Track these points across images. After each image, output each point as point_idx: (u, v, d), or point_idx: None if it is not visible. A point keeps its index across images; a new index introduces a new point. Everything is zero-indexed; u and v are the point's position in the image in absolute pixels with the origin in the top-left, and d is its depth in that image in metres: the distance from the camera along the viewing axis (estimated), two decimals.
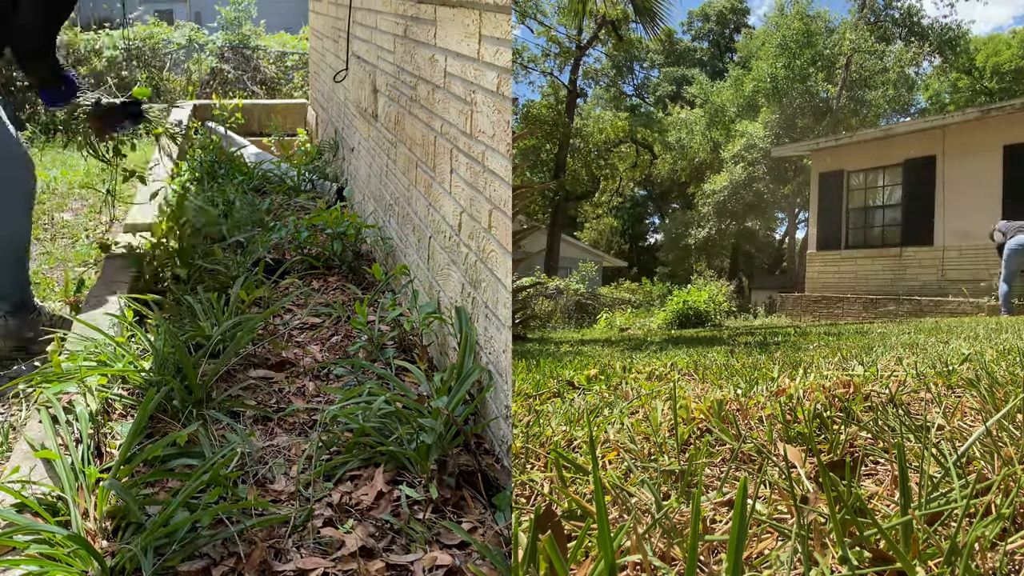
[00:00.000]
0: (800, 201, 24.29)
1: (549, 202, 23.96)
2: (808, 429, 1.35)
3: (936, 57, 25.89)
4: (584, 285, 14.45)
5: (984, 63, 27.37)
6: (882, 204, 12.15)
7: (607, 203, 31.32)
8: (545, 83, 25.52)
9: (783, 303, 13.07)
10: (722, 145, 25.84)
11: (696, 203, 27.26)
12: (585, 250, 25.81)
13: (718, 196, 24.87)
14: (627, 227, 34.27)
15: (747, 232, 28.49)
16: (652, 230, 35.49)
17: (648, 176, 30.13)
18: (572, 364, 3.12)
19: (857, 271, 12.24)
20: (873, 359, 2.40)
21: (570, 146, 24.12)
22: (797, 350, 3.20)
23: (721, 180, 24.71)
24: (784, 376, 2.02)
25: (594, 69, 31.47)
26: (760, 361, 2.70)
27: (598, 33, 22.94)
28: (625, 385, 2.23)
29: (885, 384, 1.68)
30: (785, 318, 12.17)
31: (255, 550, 1.62)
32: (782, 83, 23.82)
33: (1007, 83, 26.39)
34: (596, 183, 27.33)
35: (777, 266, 31.42)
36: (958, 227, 10.57)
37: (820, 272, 12.91)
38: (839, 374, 1.88)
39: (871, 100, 24.62)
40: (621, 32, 14.98)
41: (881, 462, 1.23)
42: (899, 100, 25.85)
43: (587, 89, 31.44)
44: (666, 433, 1.48)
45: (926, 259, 11.09)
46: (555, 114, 22.60)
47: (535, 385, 2.36)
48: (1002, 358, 2.16)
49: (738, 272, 29.00)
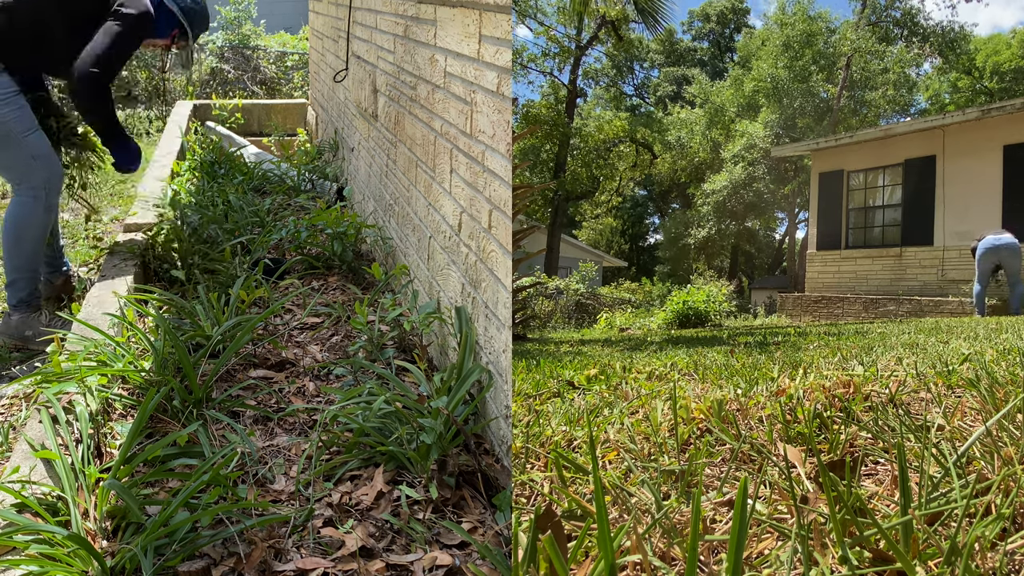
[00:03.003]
0: (800, 201, 24.30)
1: (549, 202, 23.97)
2: (808, 429, 1.35)
3: (936, 57, 25.90)
4: (584, 285, 14.44)
5: (984, 63, 27.37)
6: (882, 204, 12.15)
7: (607, 203, 31.33)
8: (545, 83, 25.55)
9: (783, 303, 13.07)
10: (722, 145, 25.85)
11: (696, 203, 27.28)
12: (585, 250, 25.82)
13: (718, 196, 24.88)
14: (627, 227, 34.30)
15: (747, 232, 28.50)
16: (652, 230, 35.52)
17: (648, 176, 30.14)
18: (572, 364, 3.12)
19: (857, 271, 12.24)
20: (873, 359, 2.40)
21: (570, 146, 24.12)
22: (797, 350, 3.20)
23: (721, 180, 24.72)
24: (784, 376, 2.02)
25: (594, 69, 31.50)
26: (760, 361, 2.70)
27: (598, 33, 22.95)
28: (625, 385, 2.23)
29: (885, 384, 1.68)
30: (785, 318, 12.17)
31: (255, 550, 1.62)
32: (782, 83, 23.83)
33: (1007, 83, 26.40)
34: (596, 183, 27.33)
35: (777, 266, 31.44)
36: (958, 227, 10.57)
37: (820, 272, 12.91)
38: (839, 374, 1.88)
39: (871, 100, 24.64)
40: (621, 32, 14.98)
41: (881, 462, 1.23)
42: (899, 100, 25.87)
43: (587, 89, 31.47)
44: (666, 433, 1.48)
45: (926, 259, 11.09)
46: (555, 114, 22.60)
47: (535, 385, 2.36)
48: (1002, 358, 2.16)
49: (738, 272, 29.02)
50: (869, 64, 24.54)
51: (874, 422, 1.39)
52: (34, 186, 2.89)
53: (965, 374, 1.76)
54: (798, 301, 12.55)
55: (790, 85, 23.75)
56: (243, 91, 9.93)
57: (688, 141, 26.83)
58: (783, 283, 25.51)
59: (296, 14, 11.63)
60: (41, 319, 2.91)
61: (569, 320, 12.83)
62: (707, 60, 33.30)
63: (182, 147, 5.77)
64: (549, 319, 12.53)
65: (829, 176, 12.86)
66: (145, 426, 2.06)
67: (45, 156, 2.92)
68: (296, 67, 10.65)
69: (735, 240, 28.41)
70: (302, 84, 10.09)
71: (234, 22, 11.01)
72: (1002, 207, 10.09)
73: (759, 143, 23.48)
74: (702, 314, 10.24)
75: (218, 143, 6.10)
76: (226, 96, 9.41)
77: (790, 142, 20.31)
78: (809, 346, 3.47)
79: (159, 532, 1.55)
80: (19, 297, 2.89)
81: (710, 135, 26.28)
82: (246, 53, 10.69)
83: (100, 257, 3.71)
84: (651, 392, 1.97)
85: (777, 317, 12.63)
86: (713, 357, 3.06)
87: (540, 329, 10.37)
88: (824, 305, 11.93)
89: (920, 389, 1.67)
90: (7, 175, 2.94)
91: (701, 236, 26.47)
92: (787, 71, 23.99)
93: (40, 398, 2.14)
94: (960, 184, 10.70)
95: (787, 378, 1.95)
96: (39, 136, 2.92)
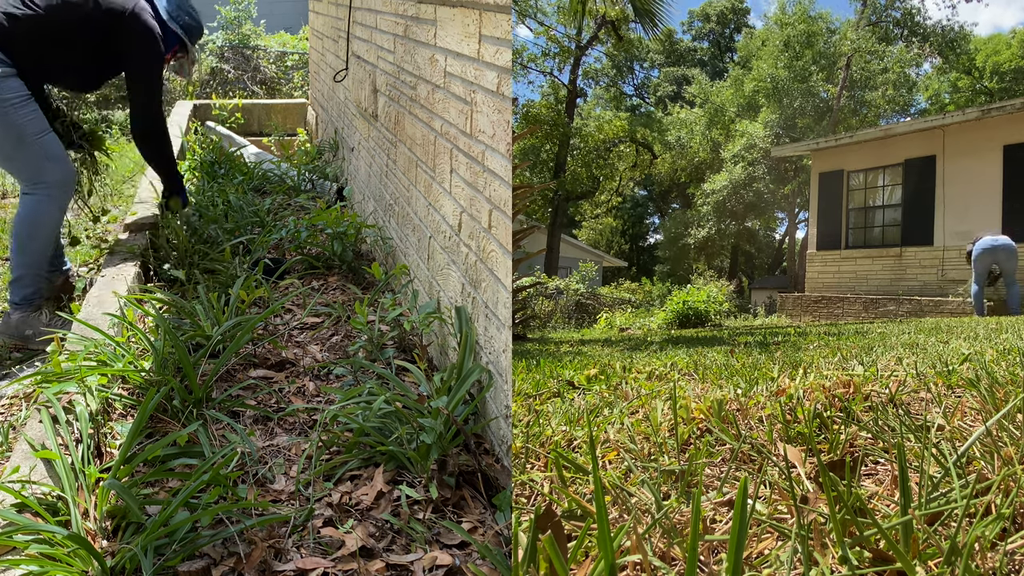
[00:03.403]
0: (800, 201, 24.31)
1: (549, 202, 23.96)
2: (808, 429, 1.35)
3: (936, 57, 25.90)
4: (584, 285, 14.43)
5: (984, 63, 27.37)
6: (882, 204, 12.15)
7: (607, 203, 31.33)
8: (545, 83, 25.54)
9: (783, 303, 13.06)
10: (722, 145, 25.84)
11: (696, 203, 27.28)
12: (585, 250, 25.82)
13: (718, 196, 24.88)
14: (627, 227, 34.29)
15: (747, 232, 28.50)
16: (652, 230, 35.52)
17: (648, 176, 30.14)
18: (572, 364, 3.12)
19: (857, 271, 12.24)
20: (873, 359, 2.40)
21: (570, 146, 24.12)
22: (797, 350, 3.20)
23: (721, 180, 24.72)
24: (784, 376, 2.02)
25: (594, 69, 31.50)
26: (760, 361, 2.70)
27: (598, 33, 22.95)
28: (625, 385, 2.23)
29: (885, 384, 1.68)
30: (785, 318, 12.17)
31: (255, 550, 1.62)
32: (782, 83, 23.83)
33: (1007, 83, 26.40)
34: (596, 183, 27.33)
35: (777, 266, 31.44)
36: (958, 227, 10.57)
37: (820, 272, 12.91)
38: (839, 374, 1.88)
39: (871, 100, 24.64)
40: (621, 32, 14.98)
41: (881, 462, 1.23)
42: (899, 100, 25.87)
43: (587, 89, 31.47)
44: (666, 433, 1.48)
45: (926, 259, 11.09)
46: (555, 114, 22.60)
47: (535, 385, 2.36)
48: (1002, 358, 2.16)
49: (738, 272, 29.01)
50: (869, 64, 24.54)
51: (874, 422, 1.39)
52: (49, 186, 2.96)
53: (965, 374, 1.76)
54: (798, 301, 12.55)
55: (790, 85, 23.76)
56: (243, 91, 9.93)
57: (688, 141, 26.83)
58: (783, 283, 25.52)
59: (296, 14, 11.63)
60: (41, 318, 2.92)
61: (569, 320, 12.82)
62: (707, 60, 33.30)
63: (182, 147, 5.77)
64: (549, 319, 12.52)
65: (829, 176, 12.86)
66: (145, 426, 2.06)
67: (59, 157, 3.01)
68: (296, 67, 10.65)
69: (735, 240, 28.41)
70: (302, 84, 10.09)
71: (234, 22, 11.01)
72: (1002, 207, 10.09)
73: (759, 143, 23.48)
74: (702, 314, 10.24)
75: (218, 143, 6.10)
76: (226, 96, 9.40)
77: (790, 142, 20.30)
78: (809, 346, 3.47)
79: (159, 532, 1.55)
80: (23, 294, 2.94)
81: (710, 135, 26.28)
82: (246, 53, 10.69)
83: (100, 257, 3.71)
84: (651, 392, 1.97)
85: (777, 317, 12.63)
86: (713, 357, 3.06)
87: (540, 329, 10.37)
88: (824, 305, 11.93)
89: (920, 389, 1.67)
90: (22, 175, 3.01)
91: (701, 236, 26.46)
92: (787, 71, 24.00)
93: (40, 398, 2.14)
94: (960, 184, 10.70)
95: (787, 378, 1.95)
96: (52, 138, 3.01)
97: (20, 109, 2.88)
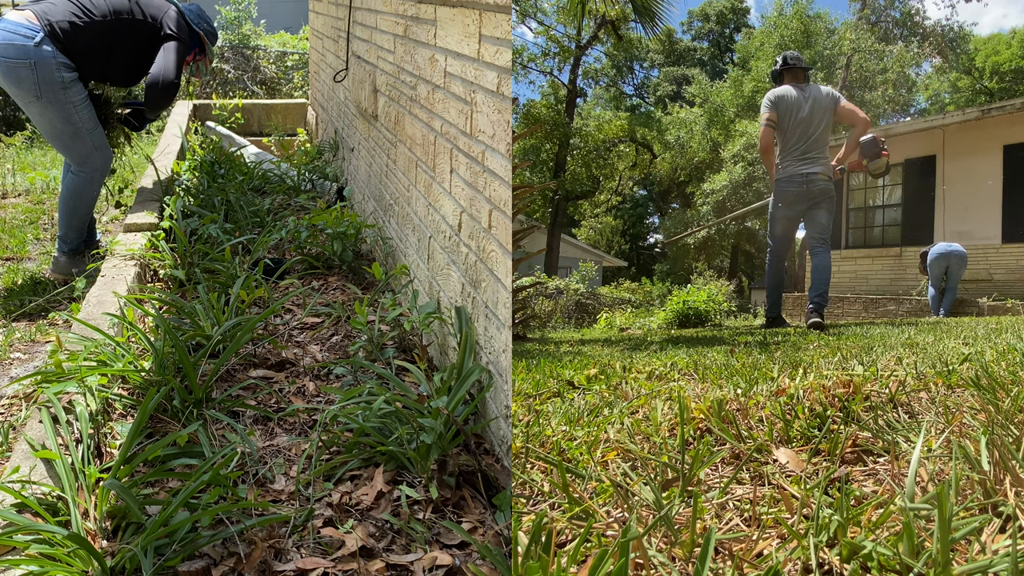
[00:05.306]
0: None
1: (549, 202, 23.96)
2: (808, 429, 1.35)
3: (936, 57, 25.89)
4: (584, 285, 14.43)
5: (984, 63, 27.37)
6: (882, 204, 12.15)
7: (607, 203, 31.33)
8: (545, 83, 25.54)
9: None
10: (722, 145, 25.83)
11: (696, 203, 27.26)
12: (585, 250, 25.82)
13: (718, 196, 24.86)
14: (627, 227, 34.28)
15: (747, 232, 28.49)
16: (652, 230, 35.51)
17: (648, 176, 30.13)
18: (572, 364, 3.11)
19: (857, 271, 12.24)
20: (873, 359, 2.40)
21: (570, 146, 24.12)
22: (797, 350, 3.20)
23: (721, 180, 24.71)
24: (784, 376, 2.02)
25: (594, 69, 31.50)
26: (760, 361, 2.69)
27: (598, 33, 22.95)
28: (625, 385, 2.23)
29: (885, 384, 1.68)
30: (785, 318, 12.15)
31: (255, 550, 1.62)
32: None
33: (1007, 83, 26.40)
34: (596, 183, 27.33)
35: None
36: (958, 227, 10.57)
37: None
38: (839, 374, 1.88)
39: (871, 100, 24.62)
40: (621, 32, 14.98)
41: (881, 462, 1.23)
42: (899, 100, 25.86)
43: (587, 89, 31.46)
44: (666, 433, 1.48)
45: None
46: (555, 114, 22.59)
47: (535, 385, 2.36)
48: (1002, 358, 2.16)
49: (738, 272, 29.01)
50: (868, 64, 24.53)
51: (874, 422, 1.39)
52: (93, 168, 3.67)
53: (965, 374, 1.76)
54: (798, 301, 12.54)
55: None
56: (243, 91, 9.93)
57: (688, 141, 26.82)
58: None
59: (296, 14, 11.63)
60: (84, 261, 3.68)
61: (569, 320, 12.82)
62: (707, 60, 33.30)
63: (182, 147, 5.77)
64: (549, 319, 12.51)
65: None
66: (145, 426, 2.06)
67: (103, 147, 3.70)
68: (296, 67, 10.65)
69: (735, 240, 28.40)
70: (302, 84, 10.09)
71: (234, 22, 11.01)
72: (1002, 207, 10.09)
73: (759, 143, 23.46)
74: (702, 314, 10.23)
75: (218, 143, 6.10)
76: (226, 96, 9.41)
77: None
78: (809, 346, 3.46)
79: (159, 532, 1.55)
80: (70, 247, 3.73)
81: (710, 135, 26.27)
82: (246, 53, 10.68)
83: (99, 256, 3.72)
84: (651, 392, 1.96)
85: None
86: (713, 357, 3.05)
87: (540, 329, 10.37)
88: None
89: (920, 389, 1.67)
90: (74, 159, 3.65)
91: (701, 236, 26.46)
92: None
93: (40, 398, 2.14)
94: (960, 184, 10.70)
95: (787, 378, 1.95)
96: (99, 130, 3.68)
97: (82, 111, 3.52)
